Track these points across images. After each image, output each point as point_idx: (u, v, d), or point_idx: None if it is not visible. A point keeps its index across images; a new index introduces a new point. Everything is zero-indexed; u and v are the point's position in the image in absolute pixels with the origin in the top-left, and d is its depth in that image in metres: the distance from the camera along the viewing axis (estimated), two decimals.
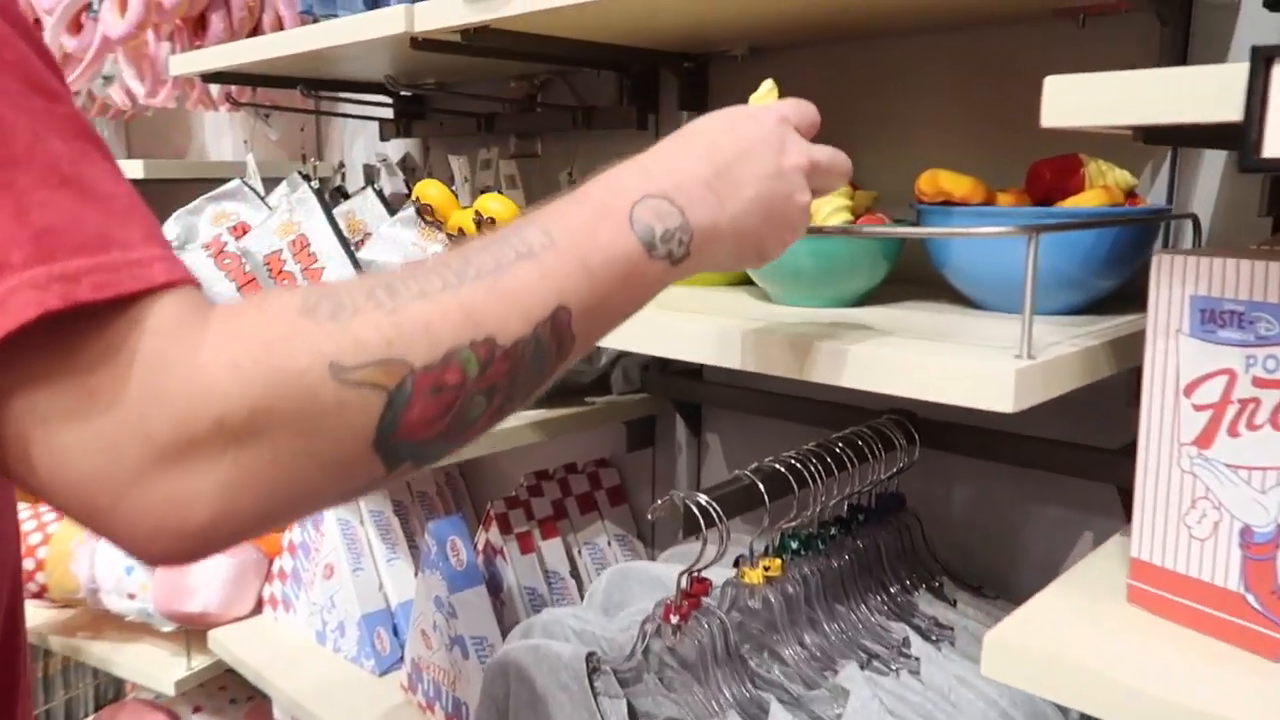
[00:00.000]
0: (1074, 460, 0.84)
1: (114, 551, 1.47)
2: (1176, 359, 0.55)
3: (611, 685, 0.77)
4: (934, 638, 0.80)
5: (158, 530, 0.38)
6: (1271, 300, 0.51)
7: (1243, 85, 0.41)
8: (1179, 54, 0.75)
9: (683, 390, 1.15)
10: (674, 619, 0.72)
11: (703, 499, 0.71)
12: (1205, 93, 0.42)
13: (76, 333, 0.36)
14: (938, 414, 0.92)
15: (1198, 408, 0.55)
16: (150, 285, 0.37)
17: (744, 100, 0.66)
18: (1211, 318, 0.54)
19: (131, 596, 1.46)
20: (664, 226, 0.50)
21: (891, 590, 0.85)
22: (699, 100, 1.10)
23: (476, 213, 0.80)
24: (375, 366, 0.40)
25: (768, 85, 0.69)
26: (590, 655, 0.78)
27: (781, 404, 1.06)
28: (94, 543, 1.49)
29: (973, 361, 0.56)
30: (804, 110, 0.60)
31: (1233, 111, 0.41)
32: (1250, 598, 0.54)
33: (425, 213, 0.84)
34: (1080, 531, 0.89)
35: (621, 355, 1.17)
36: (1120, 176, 0.73)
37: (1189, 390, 0.55)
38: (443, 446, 0.45)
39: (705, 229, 0.53)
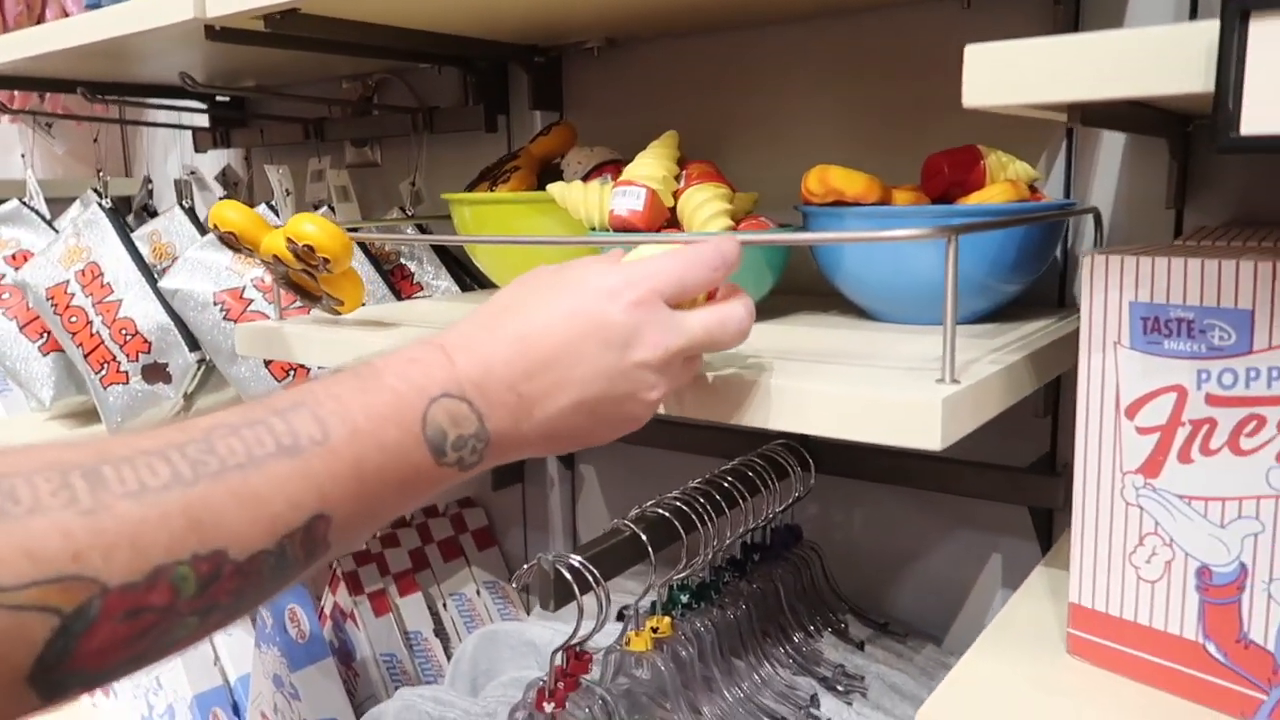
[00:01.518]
0: (982, 482, 0.77)
1: None
2: (1116, 375, 0.48)
3: None
4: (843, 688, 0.71)
5: None
6: (1226, 305, 0.44)
7: (1214, 46, 0.33)
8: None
9: None
10: (548, 707, 0.61)
11: (576, 561, 0.60)
12: (1172, 58, 0.34)
13: None
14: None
15: (1142, 430, 0.47)
16: None
17: (605, 99, 0.55)
18: (1155, 327, 0.46)
19: None
20: (457, 433, 0.43)
21: (794, 637, 0.76)
22: (553, 99, 0.99)
23: (289, 240, 0.67)
24: (49, 585, 0.31)
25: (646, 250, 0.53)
26: None
27: (660, 431, 0.96)
28: None
29: (889, 390, 0.47)
30: (692, 269, 0.48)
31: (1206, 80, 0.33)
32: (1211, 647, 0.47)
33: (229, 242, 0.70)
34: (988, 554, 0.83)
35: None
36: (1022, 169, 0.67)
37: (1131, 411, 0.48)
38: (129, 670, 0.35)
39: (504, 435, 0.45)
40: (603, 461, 1.06)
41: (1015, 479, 0.75)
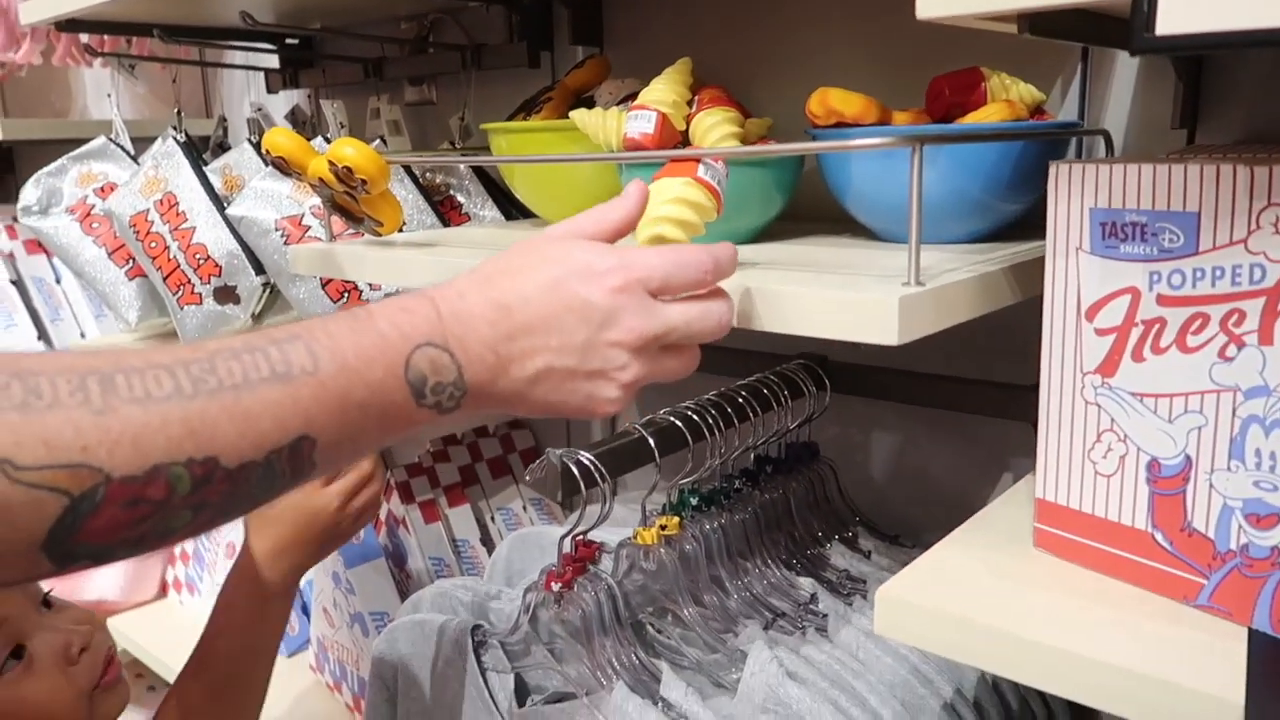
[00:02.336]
0: (988, 399, 0.79)
1: None
2: (1078, 279, 0.50)
3: (499, 660, 0.71)
4: (845, 591, 0.75)
5: None
6: (1175, 208, 0.46)
7: None
8: None
9: None
10: (555, 586, 0.66)
11: (584, 456, 0.65)
12: None
13: None
14: (852, 357, 0.87)
15: (1100, 332, 0.50)
16: None
17: (647, 39, 0.58)
18: (1113, 232, 0.48)
19: None
20: (437, 379, 0.47)
21: (802, 544, 0.80)
22: (593, 34, 1.03)
23: (331, 163, 0.73)
24: (60, 470, 0.37)
25: (665, 192, 0.56)
26: (476, 629, 0.72)
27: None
28: None
29: (853, 292, 0.50)
30: (680, 269, 0.51)
31: None
32: (1159, 536, 0.49)
33: (280, 166, 0.76)
34: (999, 474, 0.85)
35: None
36: (1025, 91, 0.68)
37: (1091, 314, 0.50)
38: (134, 550, 0.41)
39: (480, 389, 0.49)
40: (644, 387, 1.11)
41: (1020, 395, 0.77)
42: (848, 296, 0.50)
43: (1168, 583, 0.49)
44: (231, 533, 1.26)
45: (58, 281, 1.47)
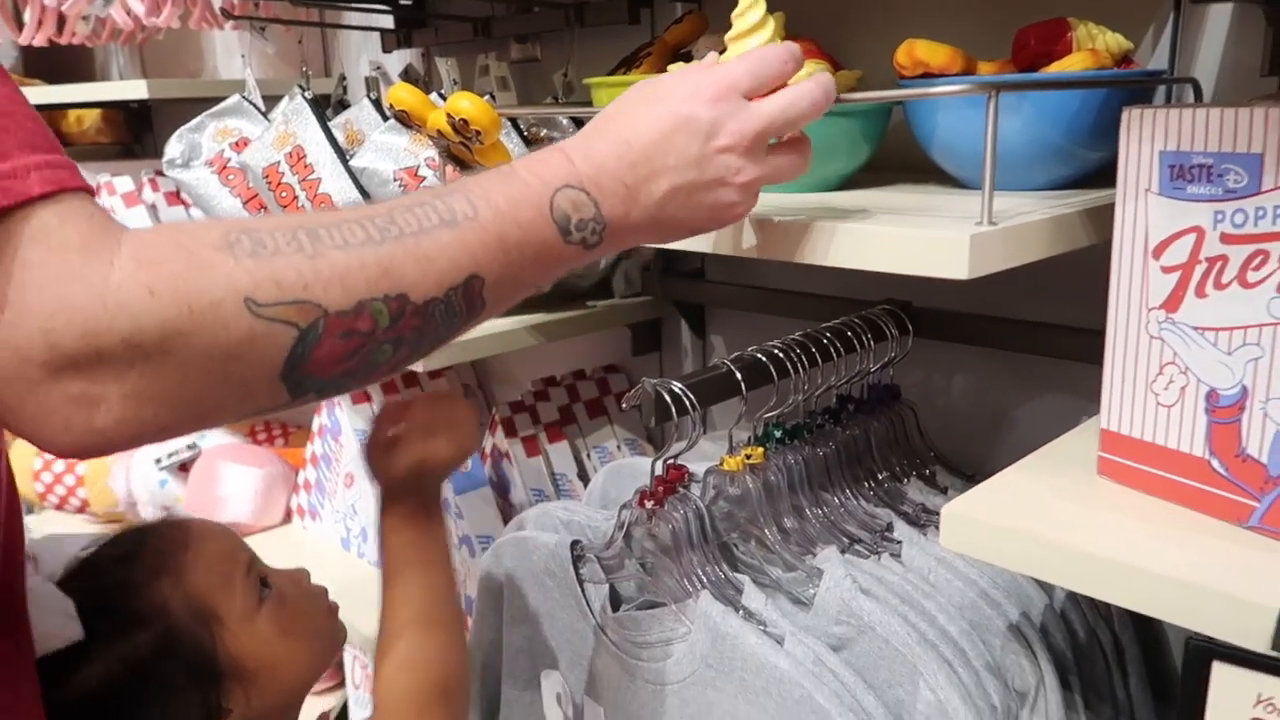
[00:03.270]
0: (1065, 343, 0.82)
1: (149, 467, 1.52)
2: (1146, 220, 0.53)
3: (595, 572, 0.78)
4: (920, 523, 0.79)
5: (66, 427, 0.41)
6: (1240, 150, 0.48)
7: None
8: None
9: (684, 291, 1.14)
10: (648, 504, 0.72)
11: (676, 386, 0.70)
12: None
13: None
14: (935, 303, 0.90)
15: (1166, 270, 0.53)
16: (25, 198, 0.39)
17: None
18: (1180, 173, 0.51)
19: (166, 509, 1.51)
20: (579, 216, 0.53)
21: (880, 478, 0.84)
22: None
23: (449, 115, 0.79)
24: (289, 305, 0.43)
25: (747, 21, 0.60)
26: (575, 544, 0.79)
27: (782, 300, 1.05)
28: (129, 459, 1.54)
29: (929, 230, 0.54)
30: (763, 64, 0.55)
31: None
32: (1215, 462, 0.52)
33: (402, 119, 0.83)
34: (1075, 416, 0.87)
35: (621, 257, 1.16)
36: (1113, 40, 0.70)
37: (1158, 252, 0.53)
38: (348, 383, 0.48)
39: (618, 220, 0.54)
40: (730, 330, 1.16)
41: (1095, 340, 0.79)
42: (924, 234, 0.54)
43: (1222, 506, 0.52)
44: (350, 464, 1.36)
45: None
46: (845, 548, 0.75)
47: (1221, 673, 0.42)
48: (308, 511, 1.48)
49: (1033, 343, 0.85)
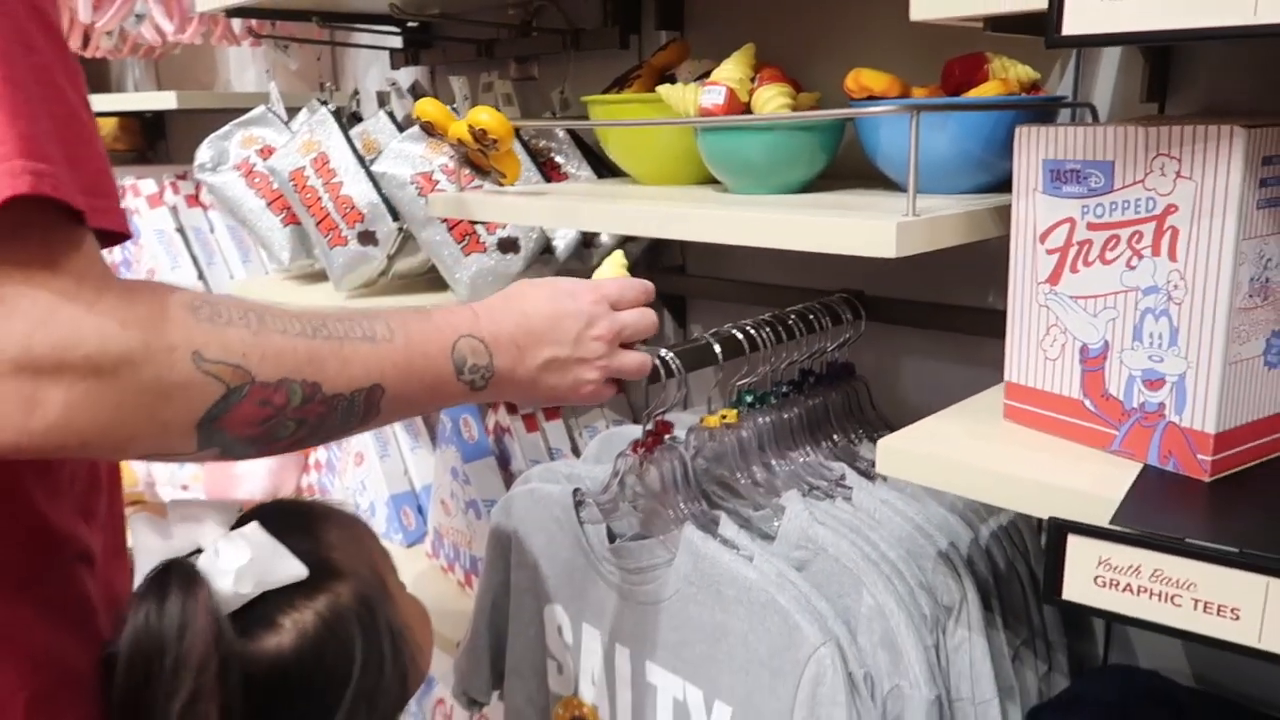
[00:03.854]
0: (991, 323, 0.96)
1: None
2: (1034, 213, 0.68)
3: (594, 514, 0.92)
4: (870, 475, 0.93)
5: (6, 421, 0.46)
6: (1099, 158, 0.63)
7: None
8: None
9: (667, 284, 1.28)
10: (640, 453, 0.86)
11: (665, 353, 0.84)
12: None
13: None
14: (884, 292, 1.05)
15: (1049, 251, 0.68)
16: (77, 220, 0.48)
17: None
18: (1058, 176, 0.66)
19: (185, 488, 1.63)
20: (473, 361, 0.66)
21: (836, 440, 0.98)
22: (675, 20, 1.21)
23: (470, 125, 0.93)
24: (226, 366, 0.52)
25: (615, 260, 0.83)
26: (576, 491, 0.93)
27: (755, 291, 1.19)
28: None
29: (864, 220, 0.68)
30: (629, 288, 0.75)
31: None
32: (1087, 402, 0.67)
33: (427, 129, 0.97)
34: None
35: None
36: (1023, 71, 0.85)
37: (1043, 238, 0.68)
38: (247, 449, 0.56)
39: (505, 373, 0.68)
40: (708, 319, 1.30)
41: None
42: (861, 222, 0.68)
43: (1093, 436, 0.67)
44: (359, 445, 1.49)
45: (211, 231, 1.71)
46: (806, 493, 0.89)
47: (1074, 542, 0.56)
48: (318, 489, 1.60)
49: (963, 323, 1.00)
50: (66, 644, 0.60)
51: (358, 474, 1.49)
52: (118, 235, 0.53)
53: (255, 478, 1.56)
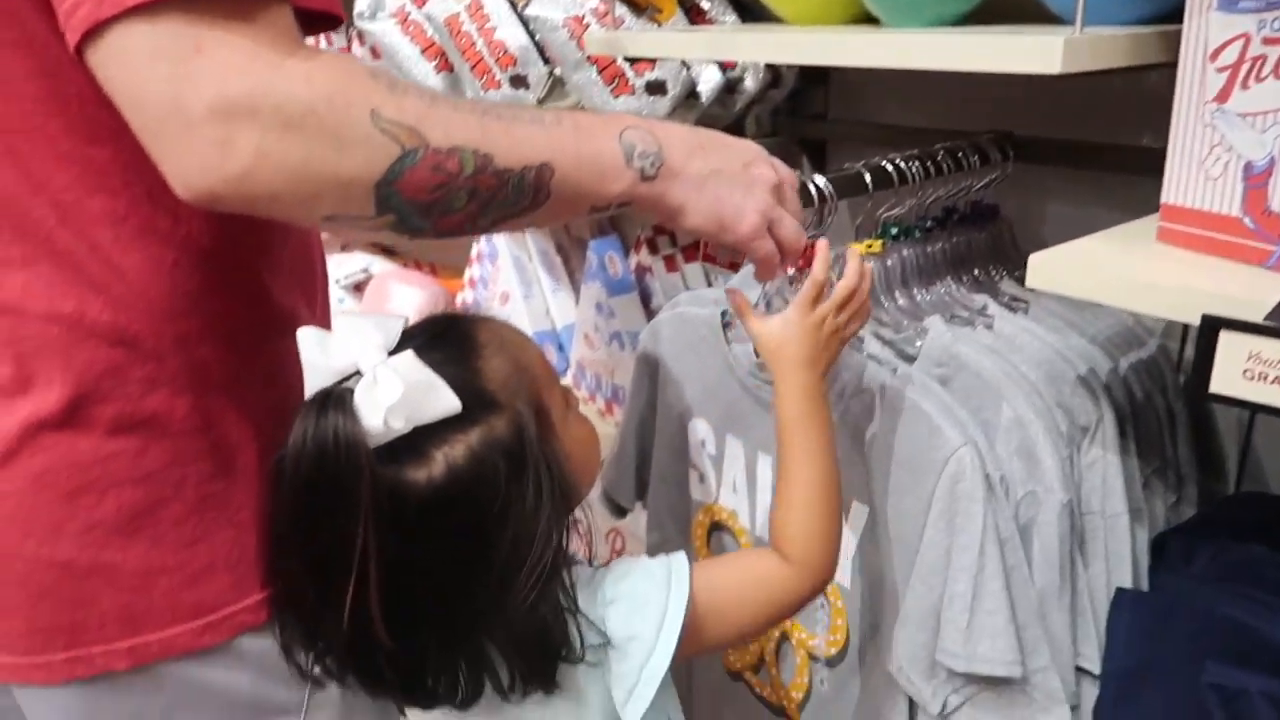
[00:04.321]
0: (1141, 161, 0.96)
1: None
2: (1206, 31, 0.68)
3: (739, 334, 0.98)
4: (1012, 307, 0.97)
5: (202, 167, 0.50)
6: None
7: None
8: None
9: (809, 130, 1.31)
10: (790, 271, 0.91)
11: (819, 179, 0.88)
12: None
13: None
14: (1035, 131, 1.05)
15: (1219, 70, 0.68)
16: None
17: None
18: None
19: None
20: (642, 148, 0.65)
21: (978, 275, 1.01)
22: None
23: None
24: (402, 127, 0.53)
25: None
26: (724, 313, 0.99)
27: (897, 135, 1.21)
28: None
29: (1031, 36, 0.70)
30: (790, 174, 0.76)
31: None
32: (1247, 220, 0.69)
33: None
34: None
35: (754, 102, 1.32)
36: None
37: (1214, 56, 0.68)
38: (423, 220, 0.57)
39: (675, 165, 0.67)
40: None
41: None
42: (1028, 39, 0.70)
43: (1250, 253, 0.69)
44: (505, 284, 1.58)
45: None
46: (947, 320, 0.93)
47: (1225, 338, 0.59)
48: None
49: (1115, 162, 1.00)
50: (284, 409, 0.67)
51: (503, 313, 1.59)
52: (324, 18, 0.57)
53: (408, 304, 1.68)
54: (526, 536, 0.64)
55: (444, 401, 0.62)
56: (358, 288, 1.76)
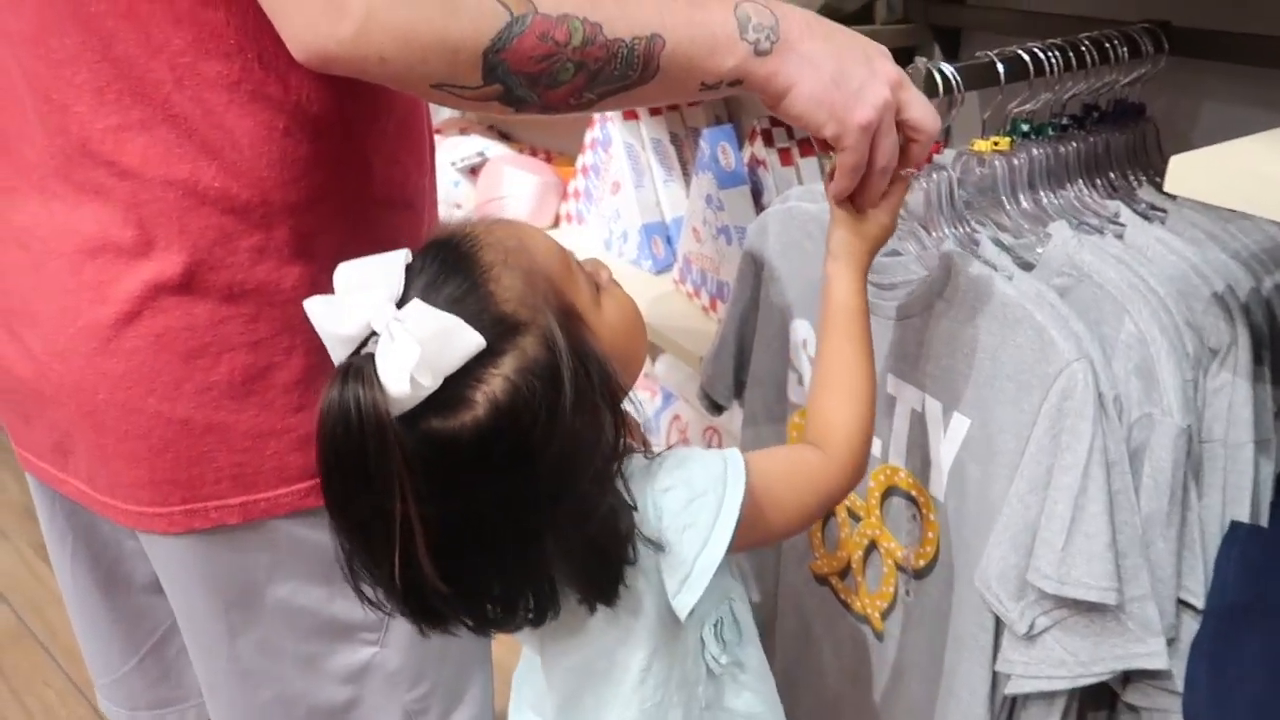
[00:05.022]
0: None
1: (445, 168, 1.78)
2: None
3: None
4: (1147, 216, 0.89)
5: (314, 28, 0.51)
6: None
7: None
8: None
9: (944, 16, 1.22)
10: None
11: (946, 67, 0.82)
12: None
13: None
14: (1194, 22, 0.95)
15: None
16: None
17: None
18: None
19: (458, 207, 1.78)
20: (758, 20, 0.62)
21: (1114, 179, 0.94)
22: None
23: None
24: None
25: None
26: None
27: (1041, 23, 1.11)
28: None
29: None
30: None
31: None
32: None
33: None
34: None
35: None
36: None
37: None
38: (530, 90, 0.56)
39: (791, 39, 0.63)
40: None
41: None
42: None
43: None
44: (616, 173, 1.55)
45: None
46: (1075, 226, 0.86)
47: None
48: (575, 217, 1.70)
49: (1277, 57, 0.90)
50: None
51: (613, 202, 1.57)
52: None
53: (521, 201, 1.68)
54: (573, 446, 0.61)
55: (467, 342, 0.58)
56: (473, 171, 1.77)
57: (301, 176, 0.65)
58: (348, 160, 0.68)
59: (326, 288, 0.68)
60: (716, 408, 1.16)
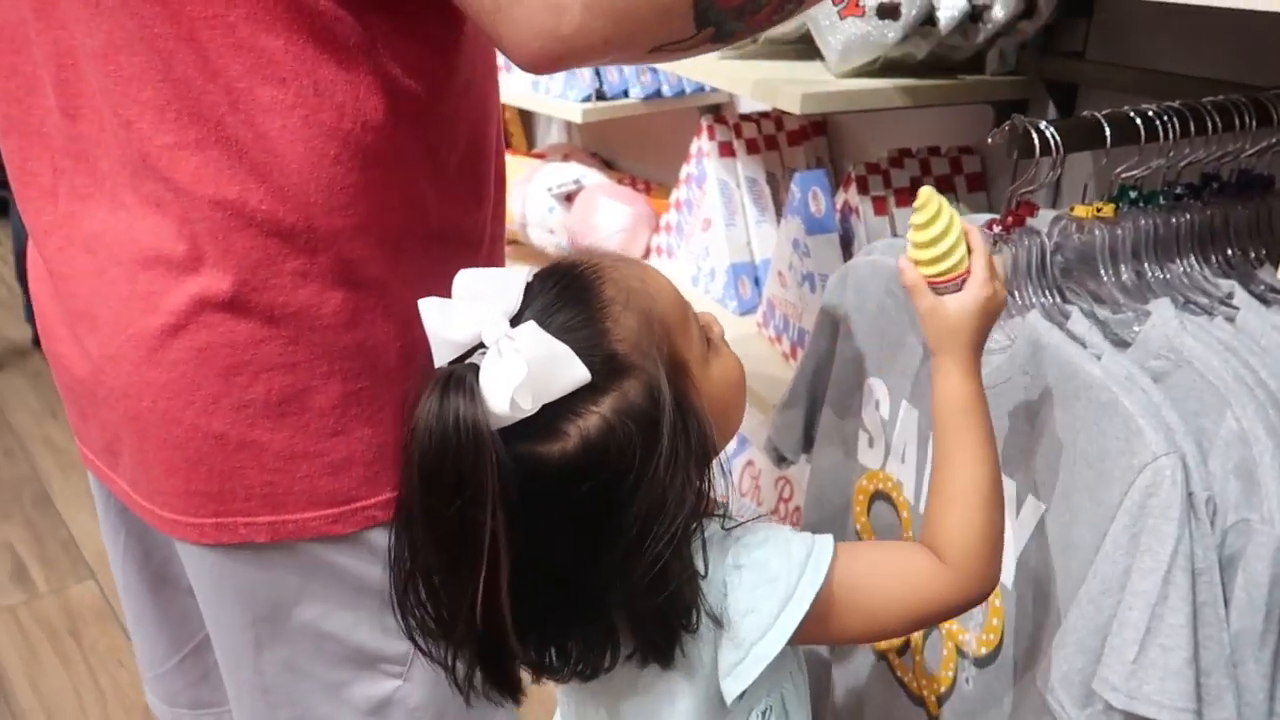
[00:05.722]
0: None
1: (542, 194, 1.79)
2: None
3: None
4: (1266, 300, 0.81)
5: (537, 32, 0.53)
6: None
7: None
8: None
9: (1059, 70, 1.15)
10: (996, 229, 0.81)
11: (1043, 125, 0.77)
12: None
13: None
14: None
15: None
16: None
17: None
18: None
19: (551, 232, 1.79)
20: None
21: (1230, 256, 0.86)
22: None
23: None
24: None
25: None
26: None
27: (1168, 83, 1.04)
28: (527, 186, 1.82)
29: None
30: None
31: None
32: None
33: None
34: None
35: (999, 34, 1.18)
36: None
37: None
38: (736, 22, 0.57)
39: None
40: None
41: None
42: None
43: None
44: (709, 210, 1.53)
45: None
46: (1180, 305, 0.79)
47: None
48: (665, 250, 1.68)
49: None
50: None
51: (703, 239, 1.55)
52: None
53: (612, 231, 1.67)
54: (660, 502, 0.59)
55: (573, 374, 0.58)
56: (568, 198, 1.77)
57: (349, 204, 0.65)
58: (399, 191, 0.67)
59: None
60: (782, 459, 1.12)
